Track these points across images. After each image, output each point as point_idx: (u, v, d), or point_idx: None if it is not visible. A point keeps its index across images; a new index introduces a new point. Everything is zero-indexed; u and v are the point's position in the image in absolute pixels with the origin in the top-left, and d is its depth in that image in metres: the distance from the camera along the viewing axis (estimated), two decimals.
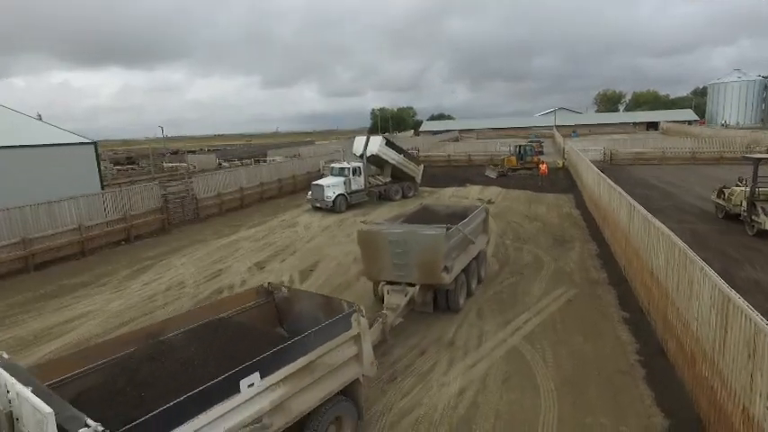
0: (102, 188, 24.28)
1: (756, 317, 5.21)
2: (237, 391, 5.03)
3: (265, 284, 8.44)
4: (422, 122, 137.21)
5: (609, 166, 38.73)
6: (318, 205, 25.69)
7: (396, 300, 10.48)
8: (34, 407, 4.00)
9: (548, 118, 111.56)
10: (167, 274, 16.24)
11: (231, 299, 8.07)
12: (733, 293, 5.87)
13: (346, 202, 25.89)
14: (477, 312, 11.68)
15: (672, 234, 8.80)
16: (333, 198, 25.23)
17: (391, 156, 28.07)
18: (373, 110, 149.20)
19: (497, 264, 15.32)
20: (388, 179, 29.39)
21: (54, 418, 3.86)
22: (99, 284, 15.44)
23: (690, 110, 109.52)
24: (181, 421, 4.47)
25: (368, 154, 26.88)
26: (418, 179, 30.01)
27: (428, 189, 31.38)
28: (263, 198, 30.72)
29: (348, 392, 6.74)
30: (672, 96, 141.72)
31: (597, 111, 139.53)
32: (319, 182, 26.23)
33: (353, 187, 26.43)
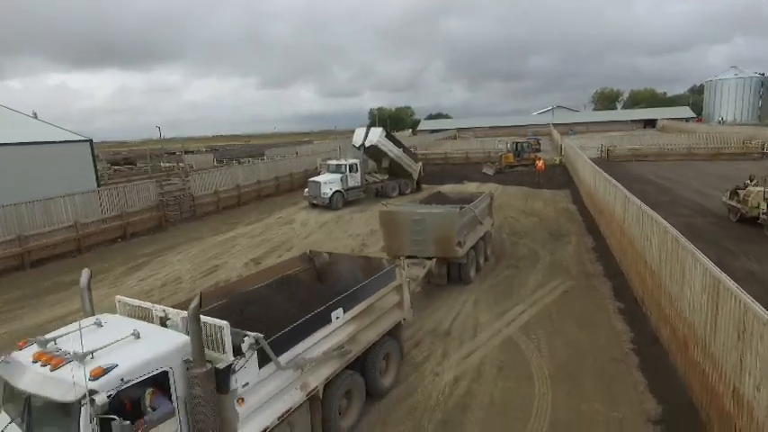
0: (99, 186, 24.22)
1: (745, 297, 5.23)
2: (329, 321, 6.60)
3: (307, 252, 9.79)
4: (419, 122, 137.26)
5: (606, 162, 38.79)
6: (315, 202, 25.68)
7: (415, 271, 11.53)
8: (210, 323, 5.15)
9: (545, 116, 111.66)
10: (163, 270, 16.24)
11: (280, 265, 9.26)
12: (723, 276, 5.90)
13: (343, 199, 25.88)
14: (473, 303, 11.70)
15: (664, 222, 8.84)
16: (330, 195, 25.23)
17: (390, 148, 27.96)
18: (371, 109, 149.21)
19: (494, 257, 15.33)
20: (386, 176, 29.41)
21: (229, 328, 5.08)
22: (95, 281, 15.30)
23: (687, 107, 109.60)
24: (298, 340, 6.03)
25: (367, 144, 26.77)
26: (415, 176, 29.96)
27: (425, 186, 31.33)
28: (261, 196, 30.70)
29: (393, 334, 8.30)
30: (669, 94, 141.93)
31: (595, 109, 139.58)
32: (316, 178, 26.23)
33: (350, 184, 26.43)
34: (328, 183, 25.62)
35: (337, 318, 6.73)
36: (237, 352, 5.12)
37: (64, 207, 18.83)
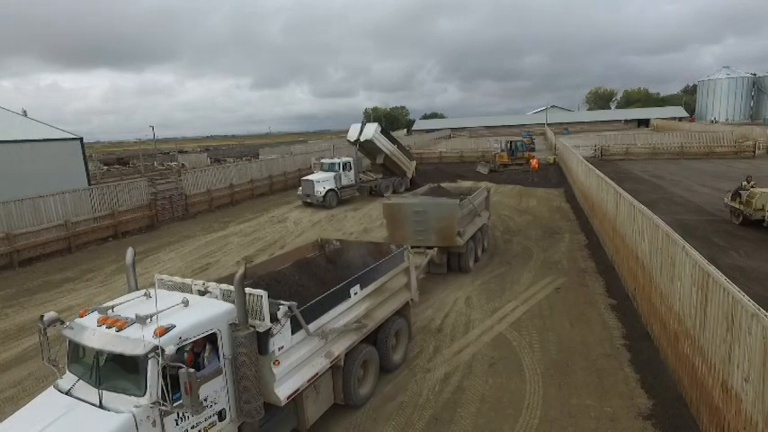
0: (90, 185, 24.00)
1: (734, 289, 5.22)
2: (348, 296, 7.23)
3: (318, 239, 10.34)
4: (414, 122, 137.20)
5: (600, 161, 38.91)
6: (309, 201, 25.57)
7: (418, 260, 11.79)
8: (250, 293, 5.66)
9: (540, 116, 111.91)
10: (155, 268, 16.08)
11: (294, 251, 9.89)
12: (712, 269, 5.89)
13: (337, 198, 25.78)
14: (465, 301, 11.66)
15: (655, 217, 8.83)
16: (323, 193, 25.12)
17: (384, 143, 27.76)
18: (366, 109, 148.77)
19: (487, 254, 15.31)
20: (380, 175, 29.33)
21: (267, 296, 5.67)
22: (85, 279, 15.27)
23: (680, 107, 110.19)
24: (323, 311, 6.64)
25: (362, 139, 26.58)
26: (410, 174, 29.92)
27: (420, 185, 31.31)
28: (254, 195, 30.56)
29: (402, 313, 8.93)
30: (663, 94, 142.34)
31: (589, 109, 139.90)
32: (309, 177, 26.09)
33: (344, 182, 26.32)
34: (322, 181, 25.51)
35: (355, 293, 7.39)
36: (273, 319, 5.74)
37: (54, 206, 18.62)
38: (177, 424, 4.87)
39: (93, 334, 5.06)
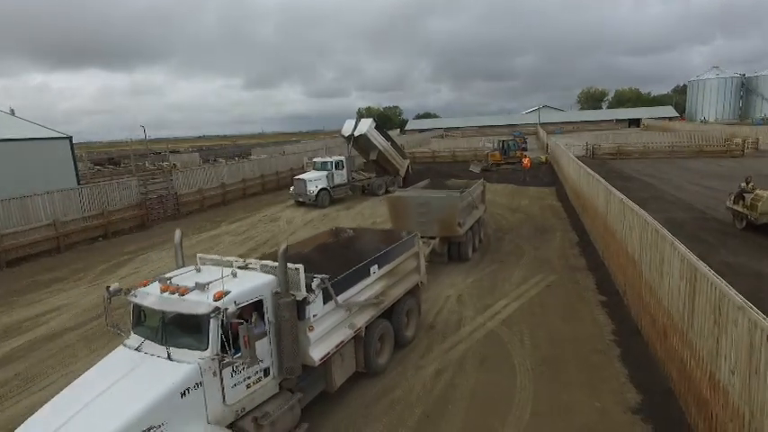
0: (79, 184, 23.75)
1: (721, 283, 5.26)
2: (368, 274, 8.06)
3: (333, 228, 11.07)
4: (407, 122, 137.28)
5: (591, 160, 39.12)
6: (301, 200, 25.49)
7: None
8: (289, 267, 6.28)
9: (532, 116, 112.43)
10: (145, 268, 15.97)
11: (313, 237, 10.62)
12: (700, 263, 5.93)
13: (329, 197, 25.71)
14: (457, 298, 11.68)
15: (645, 214, 8.89)
16: (315, 192, 25.04)
17: (378, 139, 27.61)
18: (359, 109, 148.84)
19: (478, 252, 15.35)
20: (373, 174, 29.32)
21: (303, 269, 6.36)
22: (74, 279, 15.11)
23: (670, 107, 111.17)
24: (348, 286, 7.46)
25: (357, 134, 26.44)
26: (402, 172, 29.90)
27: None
28: (246, 194, 30.42)
29: (413, 294, 9.72)
30: (654, 94, 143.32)
31: (581, 109, 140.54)
32: (302, 176, 26.00)
33: (336, 181, 26.26)
34: (314, 180, 25.43)
35: (374, 272, 8.16)
36: (308, 290, 6.44)
37: (42, 205, 18.43)
38: (232, 376, 5.65)
39: (159, 298, 5.81)
